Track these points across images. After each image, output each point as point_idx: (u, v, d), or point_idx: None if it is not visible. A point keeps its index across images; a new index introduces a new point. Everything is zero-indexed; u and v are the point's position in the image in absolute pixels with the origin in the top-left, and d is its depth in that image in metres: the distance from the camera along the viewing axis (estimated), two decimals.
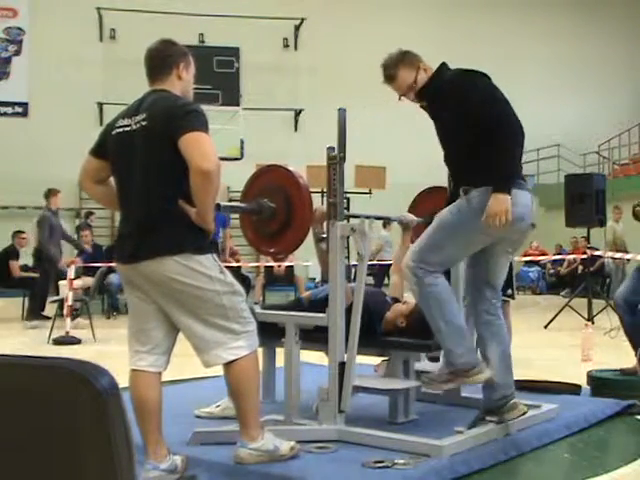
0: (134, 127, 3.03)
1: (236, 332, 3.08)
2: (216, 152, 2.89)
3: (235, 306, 3.08)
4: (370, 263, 5.81)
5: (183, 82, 3.17)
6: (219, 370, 3.24)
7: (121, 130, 3.08)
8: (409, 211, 4.77)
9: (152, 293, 3.05)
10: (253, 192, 3.87)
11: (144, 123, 3.00)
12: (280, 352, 4.06)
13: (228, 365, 3.08)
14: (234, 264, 10.52)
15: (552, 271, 16.42)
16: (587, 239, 10.09)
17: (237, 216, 4.36)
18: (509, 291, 5.46)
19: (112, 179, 3.23)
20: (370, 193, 11.20)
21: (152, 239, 2.97)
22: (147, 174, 2.99)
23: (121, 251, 3.12)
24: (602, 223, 9.55)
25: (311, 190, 3.74)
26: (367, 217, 3.72)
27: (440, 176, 5.25)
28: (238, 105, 15.96)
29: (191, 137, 2.86)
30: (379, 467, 3.17)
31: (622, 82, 19.41)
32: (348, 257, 8.07)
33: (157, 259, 2.95)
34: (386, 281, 11.67)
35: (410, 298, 4.40)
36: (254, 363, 3.16)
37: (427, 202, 4.75)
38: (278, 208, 3.74)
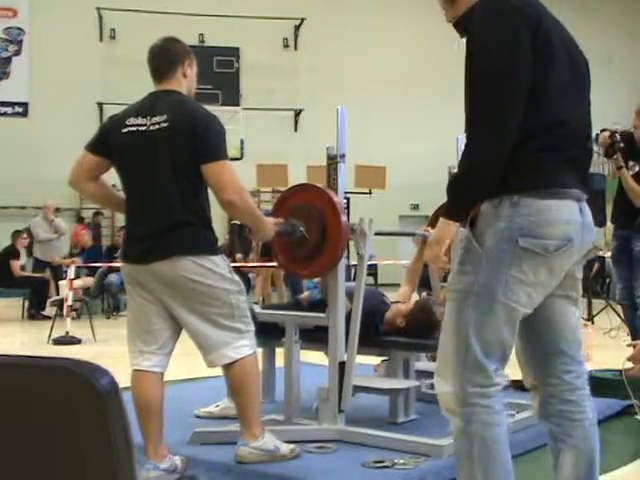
0: (151, 128, 3.01)
1: (241, 331, 3.12)
2: (236, 178, 2.99)
3: (240, 305, 3.13)
4: (370, 263, 5.81)
5: (188, 80, 3.19)
6: (218, 370, 3.24)
7: (134, 129, 3.04)
8: (429, 226, 4.73)
9: (159, 293, 3.06)
10: (284, 212, 3.65)
11: (165, 125, 2.98)
12: (280, 352, 4.06)
13: (230, 364, 3.10)
14: (234, 264, 10.54)
15: None
16: None
17: None
18: None
19: (104, 177, 3.21)
20: (370, 193, 11.20)
21: (170, 240, 2.99)
22: (167, 177, 2.99)
23: (131, 252, 3.12)
24: (602, 223, 9.54)
25: None
26: (393, 234, 3.67)
27: (440, 176, 5.26)
28: (238, 105, 15.98)
29: (212, 169, 2.95)
30: (379, 467, 3.18)
31: (622, 82, 19.39)
32: (348, 257, 8.08)
33: (172, 259, 2.98)
34: None
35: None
36: (255, 362, 3.19)
37: None
38: (311, 230, 3.54)
